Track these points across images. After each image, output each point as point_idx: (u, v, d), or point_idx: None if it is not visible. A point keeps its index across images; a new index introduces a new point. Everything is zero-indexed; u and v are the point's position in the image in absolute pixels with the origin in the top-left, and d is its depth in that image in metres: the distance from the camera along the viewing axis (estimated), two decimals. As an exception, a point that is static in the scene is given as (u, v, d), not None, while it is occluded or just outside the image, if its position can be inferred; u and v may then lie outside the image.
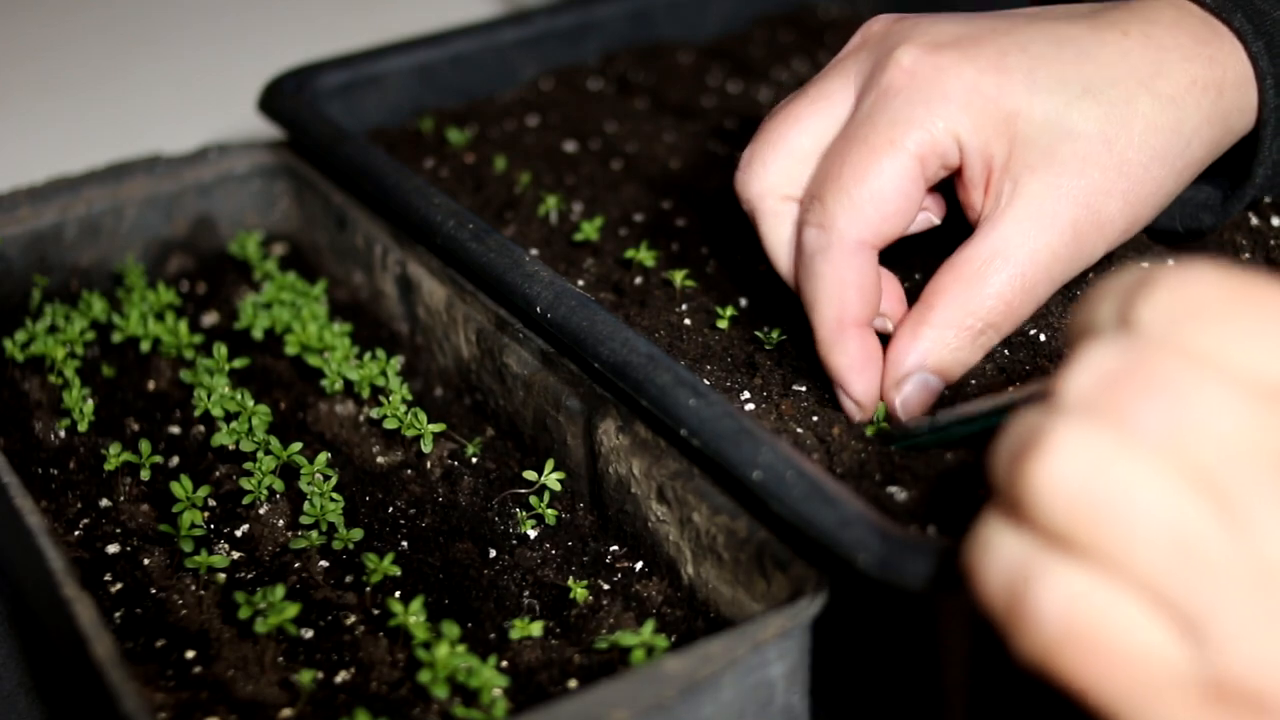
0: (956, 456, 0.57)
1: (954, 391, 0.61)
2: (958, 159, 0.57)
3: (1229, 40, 0.60)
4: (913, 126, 0.56)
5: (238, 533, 0.64)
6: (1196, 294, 0.37)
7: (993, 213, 0.58)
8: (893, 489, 0.56)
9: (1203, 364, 0.36)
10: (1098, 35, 0.59)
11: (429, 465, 0.67)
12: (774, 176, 0.60)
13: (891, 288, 0.62)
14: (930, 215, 0.62)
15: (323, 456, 0.65)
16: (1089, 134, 0.57)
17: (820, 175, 0.58)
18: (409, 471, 0.67)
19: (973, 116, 0.56)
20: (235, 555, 0.62)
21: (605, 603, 0.60)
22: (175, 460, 0.68)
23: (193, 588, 0.61)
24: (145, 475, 0.67)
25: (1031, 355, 0.63)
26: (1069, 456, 0.36)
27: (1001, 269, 0.57)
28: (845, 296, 0.57)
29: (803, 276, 0.59)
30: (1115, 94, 0.57)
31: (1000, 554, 0.38)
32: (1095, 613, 0.36)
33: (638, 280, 0.72)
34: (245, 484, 0.64)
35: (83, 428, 0.70)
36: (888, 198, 0.56)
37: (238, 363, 0.73)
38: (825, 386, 0.63)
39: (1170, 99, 0.58)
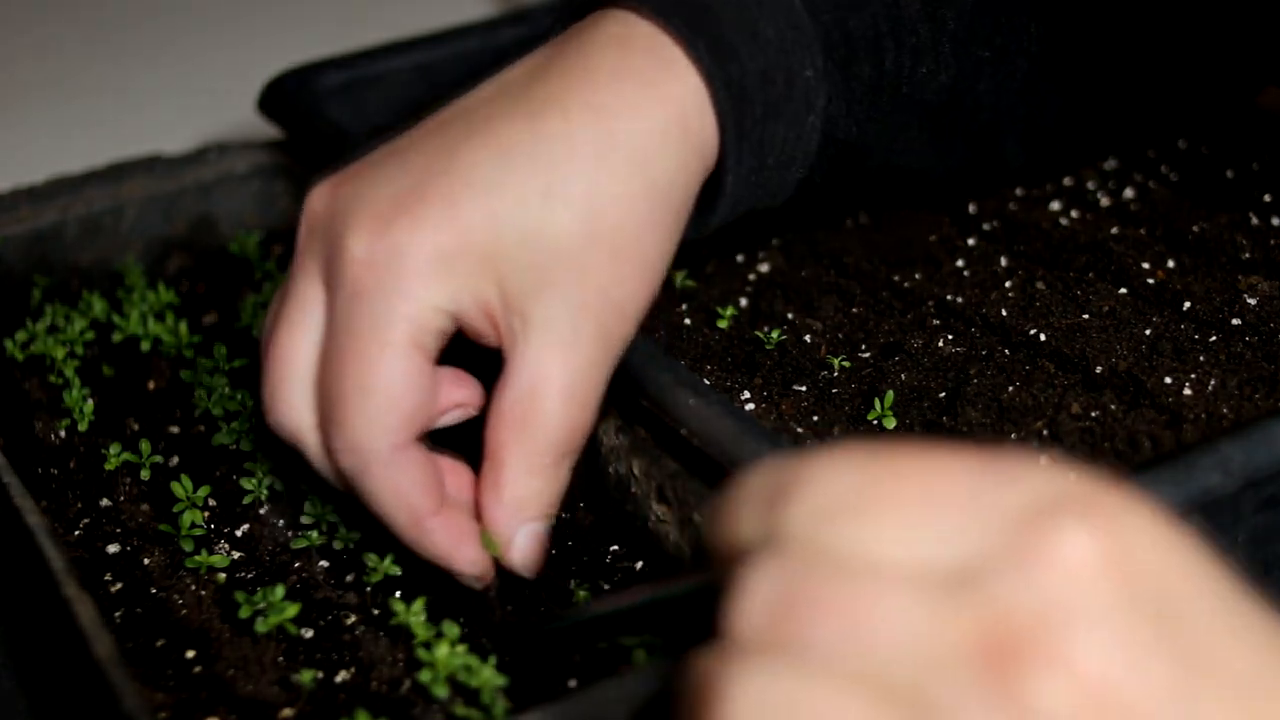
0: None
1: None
2: (453, 324, 0.54)
3: (679, 61, 0.57)
4: (395, 321, 0.53)
5: (238, 533, 0.64)
6: (834, 494, 0.35)
7: (513, 347, 0.54)
8: (893, 489, 0.56)
9: (862, 569, 0.34)
10: (539, 131, 0.55)
11: (429, 465, 0.67)
12: (298, 409, 0.56)
13: (450, 466, 0.58)
14: (468, 408, 0.57)
15: (323, 456, 0.65)
16: (569, 236, 0.54)
17: (327, 394, 0.54)
18: (409, 471, 0.67)
19: (450, 283, 0.53)
20: (235, 555, 0.62)
21: (605, 602, 0.60)
22: (175, 460, 0.68)
23: (193, 588, 0.61)
24: (145, 475, 0.67)
25: (1031, 355, 0.63)
26: (756, 701, 0.34)
27: (548, 397, 0.54)
28: (410, 501, 0.54)
29: (360, 496, 0.55)
30: (578, 189, 0.54)
31: None
32: None
33: (638, 280, 0.72)
34: (245, 484, 0.64)
35: (83, 428, 0.70)
36: (402, 396, 0.53)
37: (238, 363, 0.73)
38: (825, 386, 0.63)
39: (636, 165, 0.55)
